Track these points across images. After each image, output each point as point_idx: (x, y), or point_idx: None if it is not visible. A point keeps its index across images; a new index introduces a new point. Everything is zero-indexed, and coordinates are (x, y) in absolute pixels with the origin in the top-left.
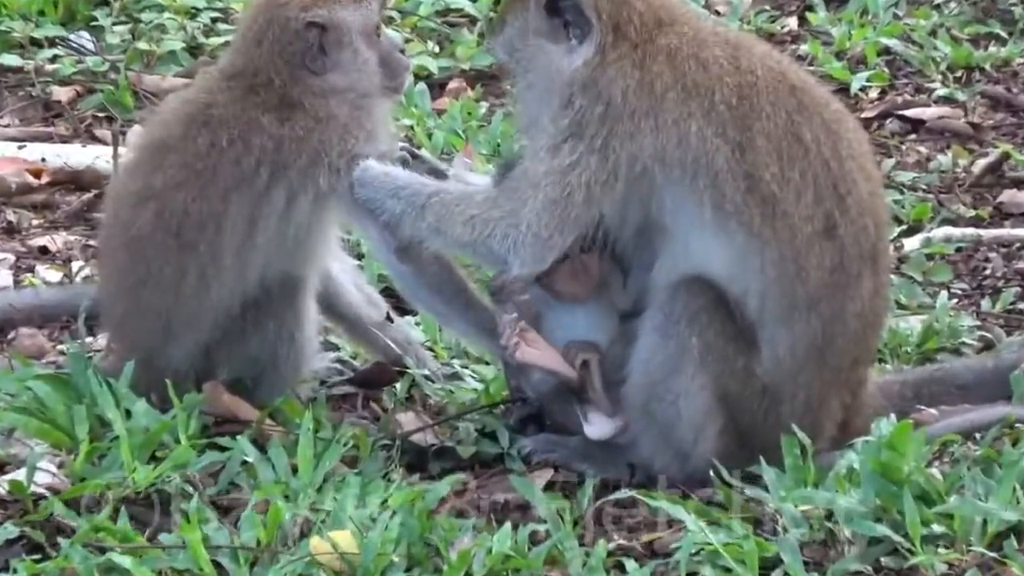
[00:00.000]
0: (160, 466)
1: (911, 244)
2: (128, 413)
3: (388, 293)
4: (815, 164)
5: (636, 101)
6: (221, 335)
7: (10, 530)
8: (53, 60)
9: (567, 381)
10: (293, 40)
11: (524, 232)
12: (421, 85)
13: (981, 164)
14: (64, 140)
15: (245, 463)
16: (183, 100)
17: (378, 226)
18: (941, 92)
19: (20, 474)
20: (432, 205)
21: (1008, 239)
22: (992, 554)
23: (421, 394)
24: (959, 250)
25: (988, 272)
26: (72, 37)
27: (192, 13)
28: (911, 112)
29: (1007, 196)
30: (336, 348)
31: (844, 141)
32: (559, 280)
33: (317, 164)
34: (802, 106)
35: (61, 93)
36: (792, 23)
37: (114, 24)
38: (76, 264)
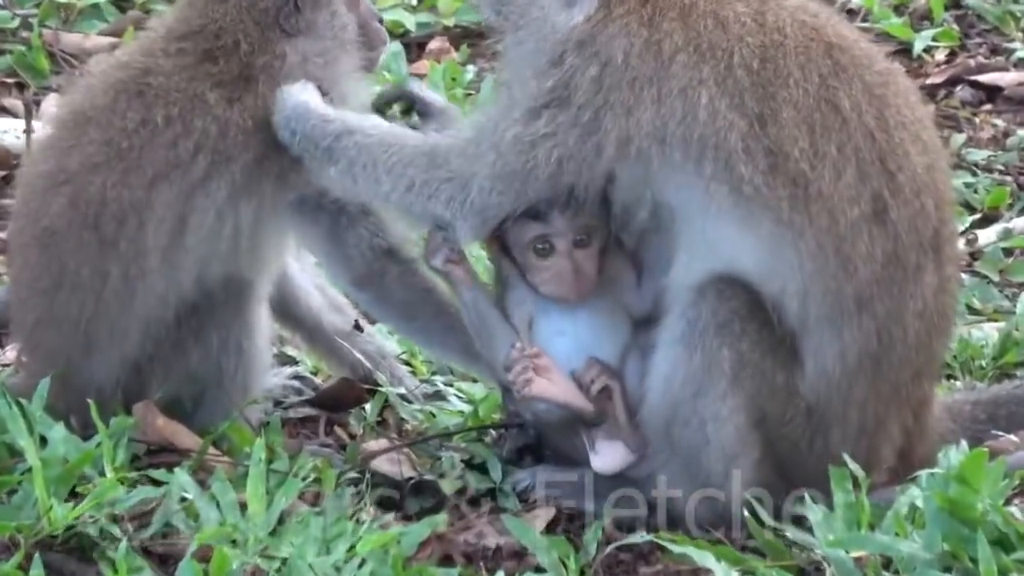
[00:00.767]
0: (81, 504)
1: (986, 236)
2: (43, 440)
3: None
4: (856, 136)
5: (639, 64)
6: (153, 347)
7: None
8: None
9: (582, 416)
10: None
11: (473, 198)
12: (396, 45)
13: None
14: None
15: (184, 500)
16: (117, 64)
17: (332, 249)
18: (1022, 54)
19: None
20: (347, 148)
21: None
22: None
23: (396, 417)
24: None
25: None
26: None
27: None
28: (985, 78)
29: None
30: (293, 362)
31: (892, 107)
32: (543, 280)
33: (263, 166)
34: (839, 68)
35: None
36: None
37: None
38: None
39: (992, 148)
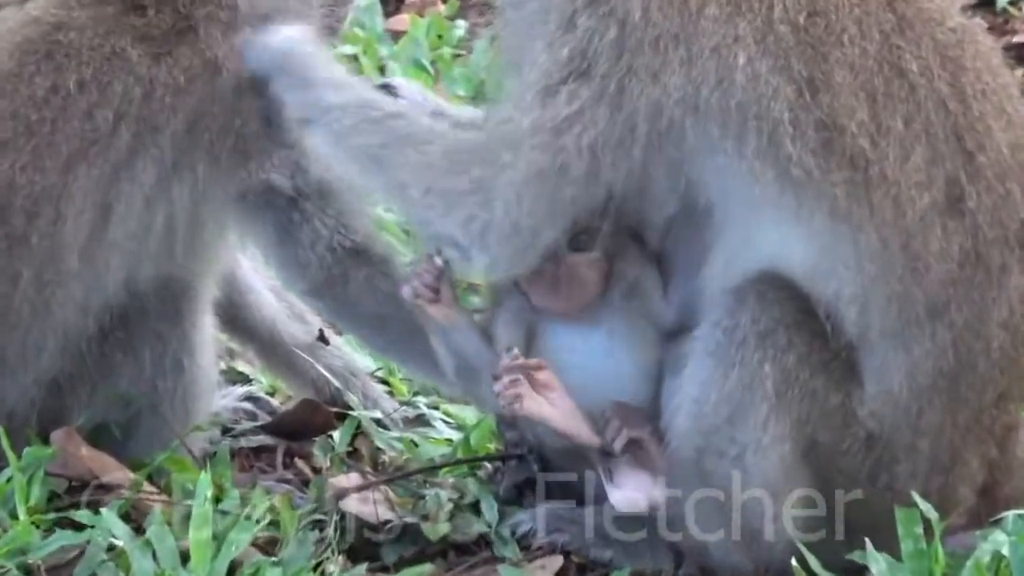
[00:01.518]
0: None
1: None
2: None
3: None
4: (927, 107)
5: (661, 20)
6: (74, 364)
7: None
8: None
9: (586, 450)
10: None
11: (500, 218)
12: None
13: None
14: None
15: (112, 548)
16: (25, 20)
17: (282, 251)
18: None
19: None
20: (374, 128)
21: None
22: None
23: (370, 447)
24: None
25: None
26: None
27: None
28: None
29: None
30: (245, 380)
31: (969, 72)
32: (532, 288)
33: (195, 135)
34: (904, 24)
35: None
36: None
37: None
38: None
39: None
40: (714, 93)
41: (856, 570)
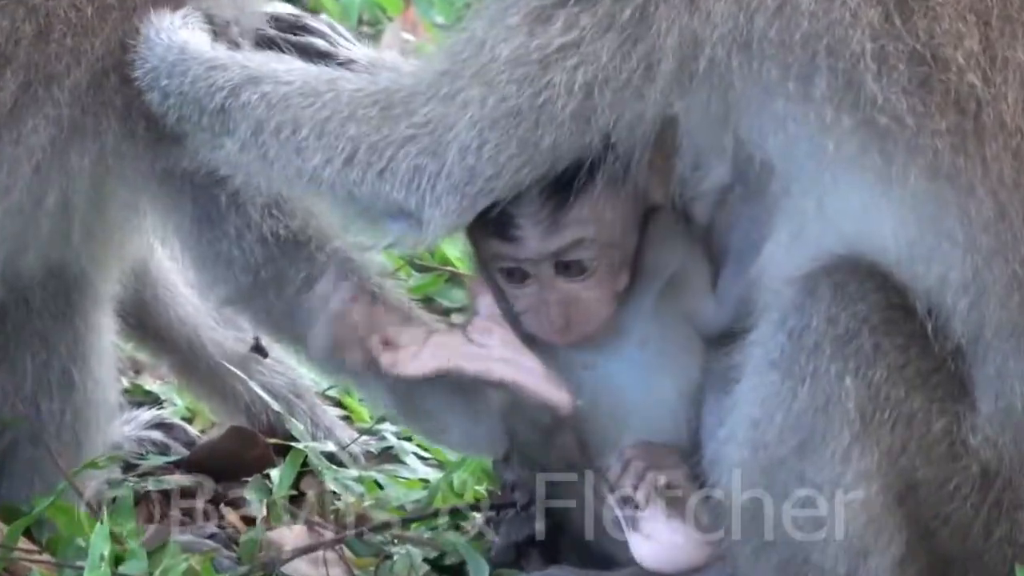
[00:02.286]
0: None
1: None
2: None
3: None
4: None
5: None
6: None
7: None
8: None
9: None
10: None
11: (452, 163)
12: None
13: None
14: None
15: None
16: None
17: (198, 245)
18: None
19: None
20: (250, 106)
21: None
22: None
23: (320, 490)
24: None
25: None
26: None
27: None
28: None
29: None
30: (156, 401)
31: None
32: (521, 313)
33: (103, 96)
34: None
35: None
36: None
37: None
38: None
39: None
40: (773, 23)
41: None
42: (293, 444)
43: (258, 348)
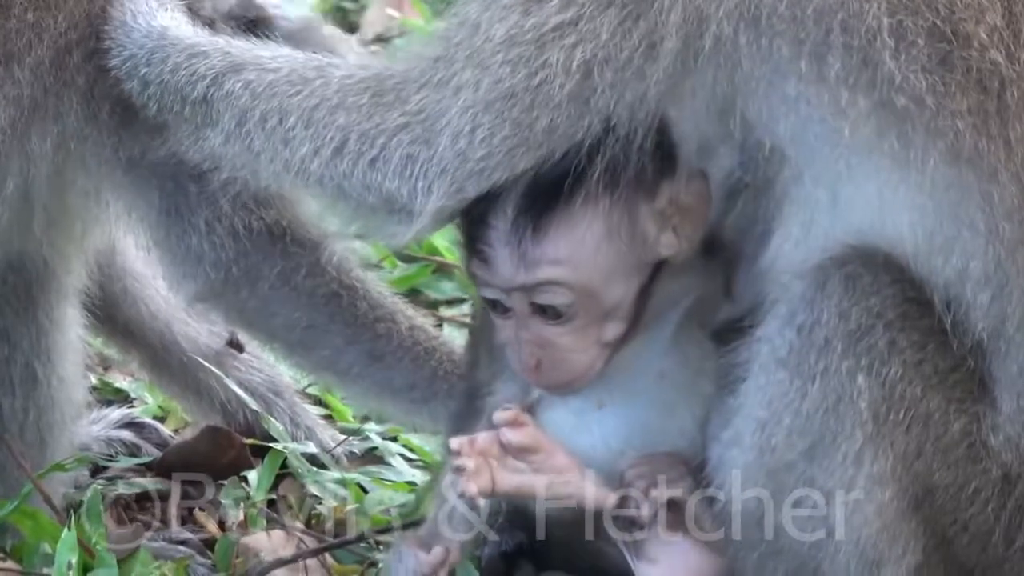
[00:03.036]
0: None
1: None
2: None
3: None
4: None
5: None
6: None
7: None
8: None
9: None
10: None
11: (443, 150)
12: None
13: None
14: None
15: None
16: None
17: (166, 237)
18: None
19: None
20: (234, 95)
21: None
22: None
23: (301, 494)
24: None
25: None
26: None
27: None
28: None
29: None
30: (125, 400)
31: None
32: (504, 344)
33: (66, 76)
34: None
35: None
36: None
37: None
38: None
39: None
40: None
41: None
42: (272, 445)
43: (234, 343)
